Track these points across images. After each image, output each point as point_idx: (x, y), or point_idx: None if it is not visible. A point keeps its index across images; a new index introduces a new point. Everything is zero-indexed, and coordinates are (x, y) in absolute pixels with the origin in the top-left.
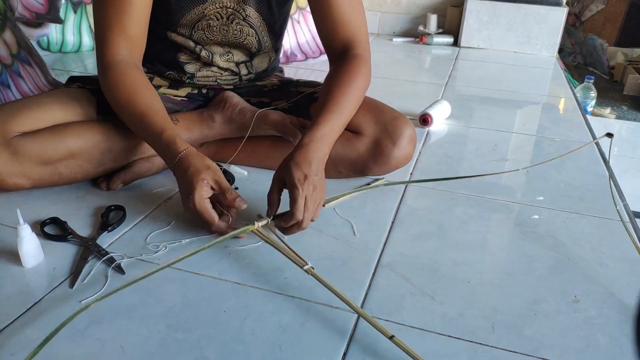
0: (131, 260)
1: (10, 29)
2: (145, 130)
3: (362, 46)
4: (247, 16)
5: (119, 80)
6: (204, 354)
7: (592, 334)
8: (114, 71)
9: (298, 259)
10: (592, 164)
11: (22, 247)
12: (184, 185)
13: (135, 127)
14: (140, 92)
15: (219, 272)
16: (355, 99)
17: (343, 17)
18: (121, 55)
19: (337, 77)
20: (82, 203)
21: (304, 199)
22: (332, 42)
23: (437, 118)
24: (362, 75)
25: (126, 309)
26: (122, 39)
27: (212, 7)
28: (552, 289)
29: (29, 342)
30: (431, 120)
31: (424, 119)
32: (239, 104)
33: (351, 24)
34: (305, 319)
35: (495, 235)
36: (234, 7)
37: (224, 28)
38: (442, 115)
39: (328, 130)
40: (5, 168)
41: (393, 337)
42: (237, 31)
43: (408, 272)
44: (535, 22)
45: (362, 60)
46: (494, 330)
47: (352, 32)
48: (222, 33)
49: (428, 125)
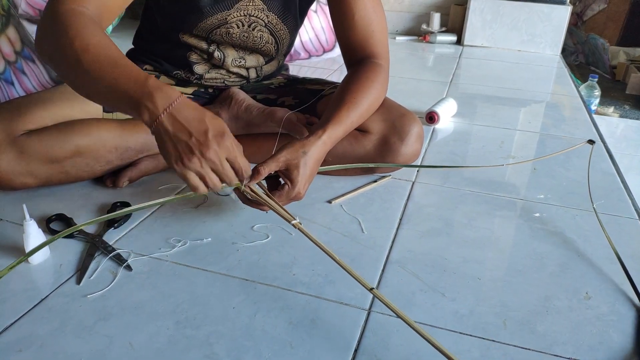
0: (138, 257)
1: (14, 26)
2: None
3: (384, 58)
4: (268, 22)
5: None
6: (213, 350)
7: (604, 331)
8: (72, 16)
9: (286, 214)
10: (600, 161)
11: (28, 243)
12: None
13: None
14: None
15: (227, 269)
16: (373, 104)
17: (367, 28)
18: (86, 10)
19: (357, 79)
20: (88, 200)
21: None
22: (353, 50)
23: (443, 116)
24: (381, 82)
25: (134, 306)
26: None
27: (236, 14)
28: (563, 286)
29: (36, 337)
30: (438, 117)
31: (431, 116)
32: (245, 101)
33: (374, 37)
34: (315, 315)
35: (504, 232)
36: (258, 15)
37: (244, 35)
38: (449, 113)
39: (341, 133)
40: (12, 167)
41: (372, 289)
42: (258, 38)
43: (417, 269)
44: (539, 20)
45: (383, 69)
46: (505, 327)
47: (375, 45)
48: (242, 39)
49: (435, 122)
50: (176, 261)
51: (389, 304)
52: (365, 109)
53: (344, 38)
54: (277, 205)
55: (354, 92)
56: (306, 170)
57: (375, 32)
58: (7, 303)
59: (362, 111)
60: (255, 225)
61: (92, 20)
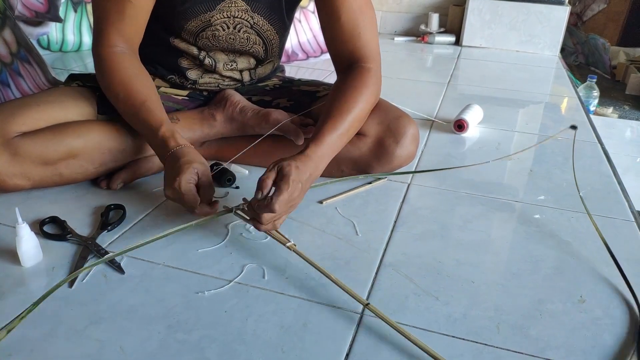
0: (130, 260)
1: (10, 28)
2: (142, 123)
3: (373, 59)
4: (254, 24)
5: (115, 70)
6: (205, 355)
7: (598, 334)
8: (109, 61)
9: (281, 237)
10: (596, 163)
11: (20, 246)
12: (172, 170)
13: (131, 119)
14: (136, 82)
15: (220, 272)
16: (361, 116)
17: (353, 30)
18: (118, 48)
19: (344, 92)
20: (82, 202)
21: (285, 199)
22: (340, 56)
23: (472, 123)
24: (370, 90)
25: (126, 310)
26: (119, 34)
27: (219, 16)
28: (558, 289)
29: (27, 341)
30: (467, 125)
31: (460, 124)
32: (240, 103)
33: (361, 37)
34: (307, 319)
35: (499, 235)
36: (242, 17)
37: (231, 37)
38: (476, 120)
39: (328, 150)
40: (5, 169)
41: (368, 304)
42: (244, 39)
43: (411, 272)
44: (537, 20)
45: (371, 73)
46: (499, 330)
47: (362, 46)
48: (229, 42)
49: (464, 130)
50: (169, 264)
51: (386, 318)
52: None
53: (331, 42)
54: None
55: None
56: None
57: (363, 34)
58: None
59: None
60: (251, 227)
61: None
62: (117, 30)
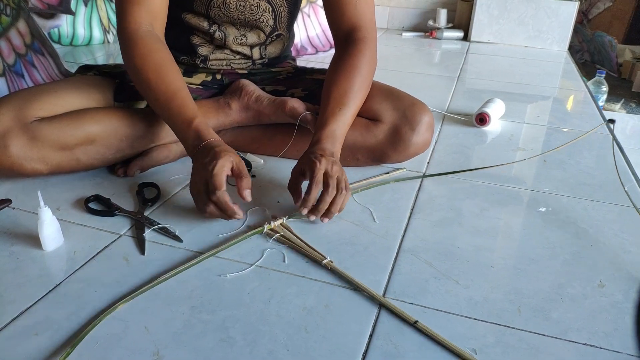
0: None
1: (24, 19)
2: (175, 113)
3: (366, 29)
4: None
5: (145, 55)
6: (229, 334)
7: (620, 317)
8: (139, 46)
9: (316, 254)
10: (610, 153)
11: (42, 230)
12: (205, 156)
13: (161, 106)
14: (169, 70)
15: (240, 256)
16: (363, 87)
17: (350, 1)
18: (144, 26)
19: (340, 67)
20: (100, 189)
21: (323, 171)
22: (337, 26)
23: (494, 117)
24: (365, 60)
25: (148, 292)
26: (143, 10)
27: None
28: (577, 274)
29: (51, 322)
30: (489, 119)
31: (482, 117)
32: (255, 92)
33: (357, 8)
34: (329, 300)
35: (515, 222)
36: None
37: (241, 4)
38: (498, 114)
39: (336, 126)
40: (23, 153)
41: (417, 322)
42: (254, 6)
43: (430, 257)
44: (546, 16)
45: (365, 43)
46: (520, 313)
47: (357, 15)
48: (239, 9)
49: (485, 124)
50: (189, 248)
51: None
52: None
53: (329, 14)
54: (306, 245)
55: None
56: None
57: (358, 5)
58: (22, 288)
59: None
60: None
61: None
62: (143, 6)
